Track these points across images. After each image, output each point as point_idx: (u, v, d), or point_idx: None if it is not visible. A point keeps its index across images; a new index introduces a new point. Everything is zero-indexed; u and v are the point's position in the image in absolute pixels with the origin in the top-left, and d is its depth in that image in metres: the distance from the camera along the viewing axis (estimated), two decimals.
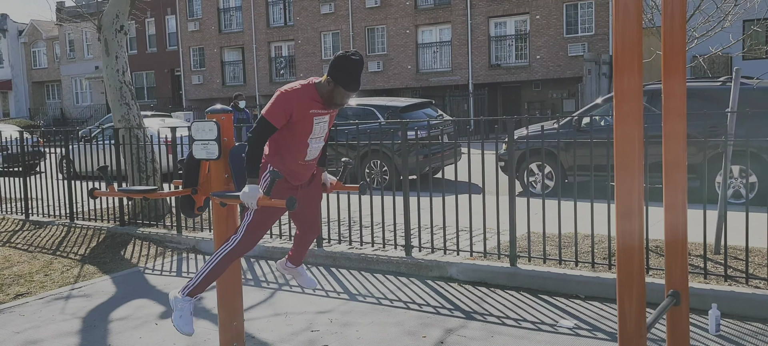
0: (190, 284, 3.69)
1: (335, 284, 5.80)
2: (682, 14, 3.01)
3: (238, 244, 3.70)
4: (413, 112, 11.79)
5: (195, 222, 7.72)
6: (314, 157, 3.80)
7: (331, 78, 3.54)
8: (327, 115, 3.72)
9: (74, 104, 44.18)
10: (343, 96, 3.57)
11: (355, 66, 3.53)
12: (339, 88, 3.54)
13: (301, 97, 3.57)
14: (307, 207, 3.99)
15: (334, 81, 3.53)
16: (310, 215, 4.05)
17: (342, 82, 3.52)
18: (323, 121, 3.71)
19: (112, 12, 8.73)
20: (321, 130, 3.72)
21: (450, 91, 28.43)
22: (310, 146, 3.69)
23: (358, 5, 30.34)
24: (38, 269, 6.85)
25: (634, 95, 2.45)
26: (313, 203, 4.02)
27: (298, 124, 3.59)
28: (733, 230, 5.73)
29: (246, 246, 3.72)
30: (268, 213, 3.73)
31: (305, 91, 3.59)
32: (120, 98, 8.72)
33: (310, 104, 3.59)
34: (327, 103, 3.62)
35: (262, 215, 3.70)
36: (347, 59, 3.52)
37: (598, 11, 25.61)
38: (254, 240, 3.74)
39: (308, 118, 3.61)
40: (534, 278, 5.48)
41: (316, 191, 4.03)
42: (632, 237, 2.47)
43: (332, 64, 3.54)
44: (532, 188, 9.75)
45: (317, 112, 3.63)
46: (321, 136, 3.75)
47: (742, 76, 6.51)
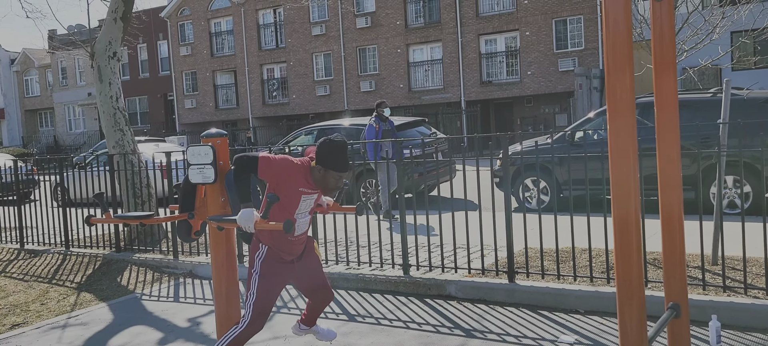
0: None
1: (334, 306, 5.78)
2: (671, 27, 3.05)
3: (248, 326, 3.71)
4: (407, 130, 11.82)
5: (191, 247, 7.69)
6: (303, 232, 3.86)
7: (321, 165, 3.63)
8: (315, 194, 3.81)
9: (67, 131, 44.09)
10: (336, 179, 3.67)
11: (340, 147, 3.64)
12: (330, 172, 3.63)
13: (297, 171, 3.67)
14: (309, 278, 4.03)
15: (324, 167, 3.63)
16: (316, 283, 4.07)
17: (331, 165, 3.61)
18: (310, 199, 3.80)
19: (105, 39, 8.75)
20: (307, 206, 3.80)
21: (442, 108, 28.54)
22: (297, 222, 3.75)
23: (349, 26, 30.53)
24: (34, 298, 6.80)
25: (628, 106, 2.47)
26: (314, 272, 4.04)
27: (285, 196, 3.65)
28: (730, 240, 5.75)
29: (255, 327, 3.73)
30: (271, 286, 3.76)
31: (302, 168, 3.70)
32: (114, 124, 8.71)
33: (301, 182, 3.69)
34: (321, 188, 3.72)
35: (263, 289, 3.74)
36: (331, 144, 3.63)
37: (588, 26, 25.85)
38: (263, 317, 3.75)
39: (296, 194, 3.70)
40: (533, 293, 5.47)
41: (313, 260, 4.04)
42: (631, 249, 2.48)
43: (318, 153, 3.64)
44: (527, 203, 9.77)
45: (306, 190, 3.73)
46: (307, 212, 3.83)
47: (732, 87, 6.58)
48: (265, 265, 3.76)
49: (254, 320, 3.70)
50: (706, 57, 9.00)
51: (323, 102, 31.72)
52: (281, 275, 3.83)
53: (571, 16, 26.20)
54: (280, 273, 3.81)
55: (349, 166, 3.69)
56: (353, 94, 30.84)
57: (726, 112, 5.63)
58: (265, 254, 3.76)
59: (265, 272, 3.75)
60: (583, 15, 25.88)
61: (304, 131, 12.73)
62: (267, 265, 3.76)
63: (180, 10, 35.74)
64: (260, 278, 3.74)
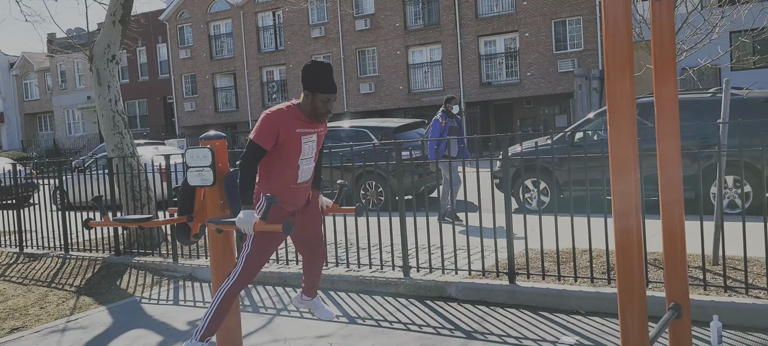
0: (200, 328, 3.67)
1: (334, 308, 5.76)
2: (670, 27, 3.04)
3: (239, 276, 3.67)
4: (406, 132, 11.82)
5: (191, 250, 7.67)
6: (307, 180, 3.78)
7: (307, 89, 3.56)
8: (314, 133, 3.72)
9: (67, 135, 44.09)
10: (323, 102, 3.57)
11: (323, 67, 3.56)
12: (317, 95, 3.55)
13: (286, 117, 3.59)
14: (307, 232, 3.97)
15: (310, 91, 3.56)
16: (312, 240, 4.02)
17: (317, 87, 3.54)
18: (311, 141, 3.71)
19: (104, 42, 8.75)
20: (310, 150, 3.72)
21: None
22: (301, 168, 3.68)
23: (348, 28, 30.53)
24: (33, 302, 6.78)
25: (628, 107, 2.46)
26: (313, 227, 4.00)
27: (285, 144, 3.59)
28: (731, 240, 5.73)
29: (247, 278, 3.69)
30: (267, 242, 3.70)
31: (289, 111, 3.62)
32: (113, 127, 8.70)
33: (295, 123, 3.61)
34: (311, 117, 3.63)
35: (261, 244, 3.68)
36: (313, 64, 3.56)
37: (587, 27, 25.86)
38: (255, 271, 3.71)
39: (295, 137, 3.62)
40: (533, 294, 5.46)
41: (315, 214, 4.00)
42: (631, 249, 2.47)
43: (303, 78, 3.57)
44: (528, 204, 9.76)
45: (303, 130, 3.64)
46: (311, 156, 3.74)
47: (731, 87, 6.57)
48: (265, 212, 3.62)
49: (245, 272, 3.66)
50: (706, 57, 9.00)
51: None
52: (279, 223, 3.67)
53: (571, 17, 26.21)
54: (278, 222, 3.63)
55: (335, 88, 3.60)
56: (353, 96, 30.84)
57: (726, 112, 5.62)
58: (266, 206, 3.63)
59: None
60: (582, 16, 25.88)
61: None
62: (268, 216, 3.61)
63: (179, 13, 35.75)
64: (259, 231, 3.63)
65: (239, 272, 3.66)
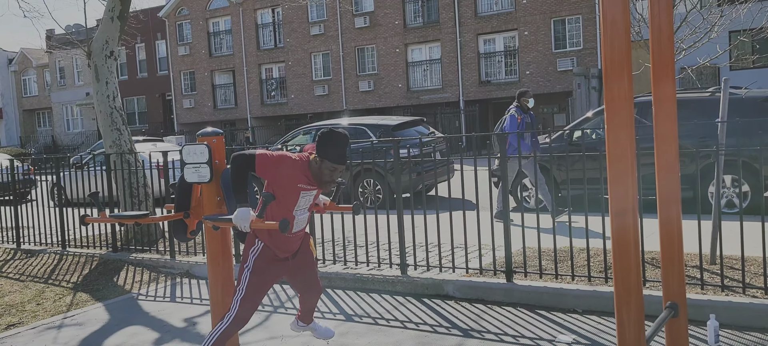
0: None
1: (331, 306, 5.76)
2: (669, 26, 3.03)
3: (233, 320, 3.67)
4: (405, 130, 11.81)
5: (188, 246, 7.66)
6: (301, 229, 3.84)
7: (318, 155, 3.57)
8: (314, 190, 3.76)
9: (65, 131, 44.04)
10: (331, 171, 3.58)
11: (339, 138, 3.57)
12: (326, 162, 3.56)
13: (296, 167, 3.62)
14: (301, 275, 4.00)
15: (320, 157, 3.57)
16: (308, 281, 4.05)
17: (328, 156, 3.55)
18: (309, 196, 3.76)
19: (102, 38, 8.72)
20: (306, 202, 3.76)
21: (441, 108, 28.54)
22: (296, 218, 3.72)
23: (347, 25, 30.50)
24: (30, 298, 6.77)
25: (625, 105, 2.45)
26: (307, 269, 4.02)
27: (284, 192, 3.61)
28: (728, 239, 5.73)
29: (239, 323, 3.70)
30: (259, 284, 3.74)
31: (300, 163, 3.65)
32: (111, 124, 8.68)
33: (300, 178, 3.64)
34: (317, 181, 3.66)
35: (254, 286, 3.71)
36: (331, 133, 3.57)
37: (586, 26, 25.85)
38: (249, 314, 3.72)
39: (295, 190, 3.65)
40: (531, 293, 5.45)
41: (307, 256, 4.02)
42: (628, 248, 2.46)
43: (318, 142, 3.57)
44: (525, 202, 9.75)
45: (305, 186, 3.67)
46: (306, 208, 3.79)
47: (730, 86, 6.56)
48: (259, 261, 3.73)
49: (239, 315, 3.67)
50: (705, 56, 8.99)
51: (322, 102, 31.70)
52: (273, 273, 3.80)
53: (570, 16, 26.21)
54: (271, 271, 3.78)
55: (345, 160, 3.62)
56: (352, 93, 30.82)
57: (724, 112, 5.62)
58: (260, 251, 3.73)
59: (257, 268, 3.72)
60: (581, 14, 25.87)
61: (303, 131, 12.71)
62: (260, 261, 3.73)
63: (178, 9, 35.70)
64: (251, 274, 3.71)
65: (232, 318, 3.67)
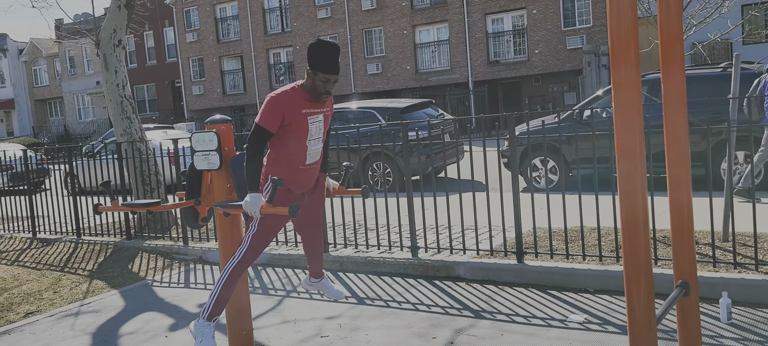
0: (206, 308, 3.69)
1: (343, 289, 5.80)
2: (678, 1, 3.00)
3: (244, 256, 3.70)
4: (414, 112, 11.78)
5: (201, 233, 7.73)
6: (315, 161, 3.79)
7: (310, 68, 3.55)
8: (320, 113, 3.72)
9: (77, 120, 44.33)
10: (322, 82, 3.55)
11: (328, 47, 3.53)
12: (318, 75, 3.53)
13: (291, 98, 3.59)
14: (311, 214, 3.99)
15: (312, 70, 3.54)
16: (312, 223, 4.05)
17: (319, 67, 3.52)
18: (318, 121, 3.71)
19: (110, 27, 8.75)
20: (317, 130, 3.72)
21: (450, 89, 28.42)
22: (309, 149, 3.69)
23: (354, 8, 30.36)
24: (47, 286, 6.86)
25: (632, 85, 2.43)
26: (316, 210, 4.02)
27: (292, 126, 3.59)
28: (740, 216, 5.70)
29: (252, 257, 3.72)
30: (272, 223, 3.73)
31: (293, 92, 3.61)
32: (121, 112, 8.73)
33: (300, 104, 3.61)
34: (314, 96, 3.62)
35: (266, 224, 3.70)
36: (318, 43, 3.53)
37: (595, 3, 25.56)
38: (259, 250, 3.74)
39: (301, 118, 3.62)
40: (542, 273, 5.46)
41: (320, 197, 4.02)
42: (637, 228, 2.45)
43: (309, 55, 3.55)
44: (535, 183, 9.73)
45: (309, 111, 3.64)
46: (318, 136, 3.74)
47: (742, 61, 6.48)
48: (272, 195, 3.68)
49: (250, 252, 3.69)
50: (716, 31, 8.88)
51: None
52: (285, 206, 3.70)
53: None
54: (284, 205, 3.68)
55: (337, 69, 3.57)
56: (360, 76, 30.75)
57: (736, 87, 5.56)
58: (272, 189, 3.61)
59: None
60: None
61: None
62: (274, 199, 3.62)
63: None
64: None
65: (245, 251, 3.69)
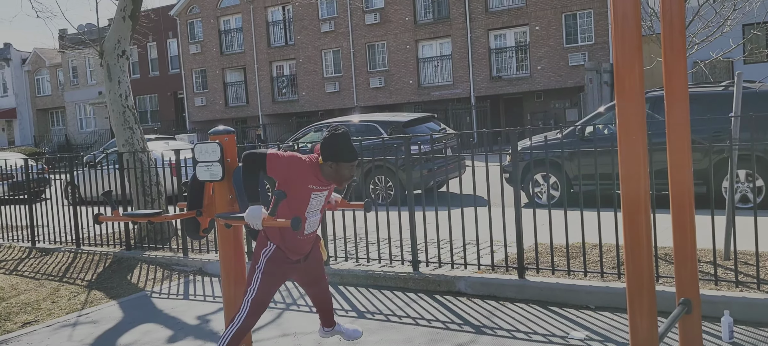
0: None
1: (343, 302, 5.77)
2: (681, 20, 3.01)
3: (244, 321, 3.70)
4: (416, 126, 11.79)
5: (201, 244, 7.71)
6: (312, 231, 3.84)
7: (331, 160, 3.59)
8: (325, 190, 3.78)
9: (79, 130, 44.41)
10: (348, 169, 3.63)
11: (345, 138, 3.60)
12: (342, 164, 3.60)
13: (305, 169, 3.64)
14: (312, 277, 4.04)
15: (334, 161, 3.59)
16: (315, 281, 4.09)
17: (342, 157, 3.58)
18: (321, 196, 3.77)
19: (114, 38, 8.78)
20: (318, 204, 3.78)
21: (452, 104, 28.48)
22: (307, 220, 3.73)
23: (357, 22, 30.50)
24: (45, 296, 6.84)
25: (636, 102, 2.43)
26: (316, 270, 4.04)
27: (294, 194, 3.63)
28: (742, 235, 5.68)
29: (251, 322, 3.73)
30: (270, 284, 3.76)
31: (310, 165, 3.66)
32: (123, 122, 8.75)
33: (310, 179, 3.65)
34: (335, 181, 3.68)
35: (264, 286, 3.74)
36: (337, 136, 3.59)
37: (597, 20, 25.67)
38: (259, 313, 3.75)
39: (306, 192, 3.67)
40: (543, 289, 5.44)
41: (317, 258, 4.04)
42: (640, 245, 2.45)
43: (325, 148, 3.60)
44: (537, 198, 9.71)
45: (315, 187, 3.69)
46: (318, 209, 3.80)
47: (744, 80, 6.49)
48: (270, 263, 3.75)
49: (250, 315, 3.71)
50: (718, 50, 8.90)
51: (333, 99, 31.73)
52: (283, 274, 3.83)
53: (581, 10, 26.04)
54: (282, 273, 3.81)
55: (356, 154, 3.66)
56: (362, 90, 30.83)
57: (738, 106, 5.57)
58: (271, 253, 3.75)
59: (269, 270, 3.74)
60: (593, 9, 25.70)
61: (314, 128, 12.74)
62: (272, 264, 3.75)
63: (189, 8, 35.85)
64: (263, 275, 3.73)
65: (244, 318, 3.70)
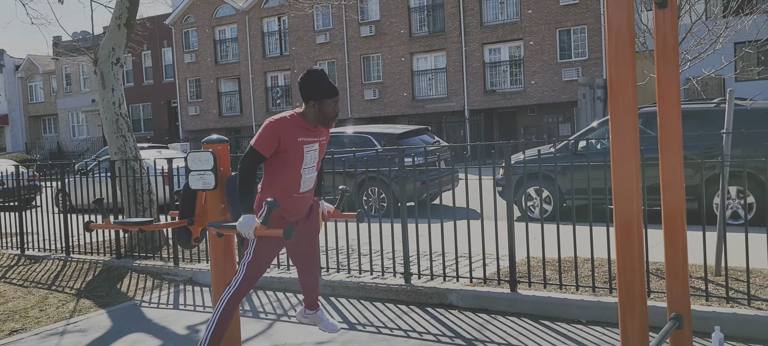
0: (203, 339, 3.65)
1: (334, 314, 5.74)
2: (674, 37, 3.03)
3: (240, 285, 3.67)
4: (410, 138, 11.81)
5: (192, 254, 7.67)
6: (309, 189, 3.78)
7: (312, 99, 3.57)
8: (316, 142, 3.73)
9: (71, 137, 44.22)
10: (331, 106, 3.61)
11: (321, 75, 3.60)
12: (325, 101, 3.58)
13: (289, 125, 3.59)
14: (305, 242, 3.97)
15: (315, 99, 3.57)
16: (308, 251, 4.02)
17: (323, 94, 3.57)
18: (313, 150, 3.72)
19: (109, 45, 8.77)
20: (312, 159, 3.72)
21: (446, 117, 28.55)
22: (303, 177, 3.68)
23: (353, 34, 30.59)
24: (33, 304, 6.78)
25: (630, 117, 2.45)
26: (311, 237, 4.00)
27: (288, 153, 3.59)
28: (733, 251, 5.70)
29: (248, 286, 3.69)
30: (266, 250, 3.70)
31: (292, 119, 3.62)
32: (116, 130, 8.72)
33: (298, 132, 3.61)
34: (320, 123, 3.64)
35: (261, 251, 3.68)
36: (312, 73, 3.59)
37: (591, 36, 25.86)
38: (256, 278, 3.71)
39: (297, 146, 3.62)
40: (535, 303, 5.43)
41: (315, 224, 4.00)
42: (633, 259, 2.45)
43: (303, 89, 3.59)
44: (530, 212, 9.73)
45: (306, 139, 3.65)
46: (313, 165, 3.75)
47: (735, 97, 6.54)
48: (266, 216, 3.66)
49: (247, 280, 3.67)
50: (710, 67, 8.99)
51: None
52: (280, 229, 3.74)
53: (575, 26, 26.22)
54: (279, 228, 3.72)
55: (337, 90, 3.65)
56: (357, 102, 30.87)
57: (729, 122, 5.60)
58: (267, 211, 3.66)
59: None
60: (587, 25, 25.89)
61: None
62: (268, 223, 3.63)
63: (185, 17, 35.88)
64: (260, 239, 3.66)
65: (240, 281, 3.66)
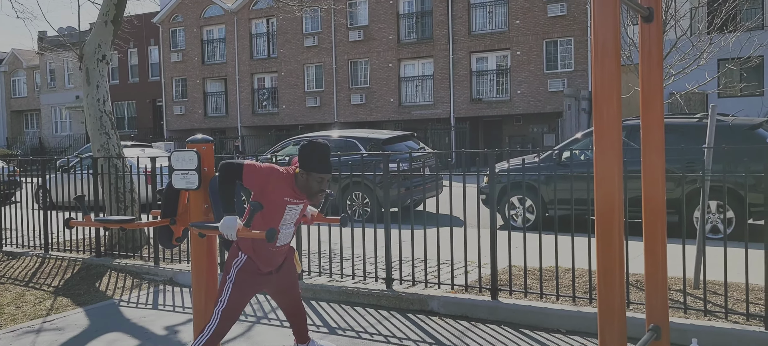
0: None
1: (315, 318, 5.72)
2: (659, 51, 3.06)
3: (214, 332, 3.67)
4: (395, 144, 11.82)
5: (173, 253, 7.60)
6: (286, 243, 3.83)
7: (304, 169, 3.60)
8: (300, 204, 3.77)
9: (53, 133, 43.71)
10: (318, 181, 3.62)
11: (322, 149, 3.61)
12: (313, 175, 3.60)
13: (282, 181, 3.64)
14: (283, 289, 4.00)
15: (306, 170, 3.60)
16: (289, 296, 4.05)
17: (315, 168, 3.58)
18: (296, 209, 3.76)
19: (95, 42, 8.69)
20: (292, 217, 3.77)
21: (432, 124, 28.63)
22: (281, 233, 3.71)
23: (341, 38, 30.59)
24: (9, 301, 6.68)
25: (614, 129, 2.46)
26: (289, 283, 4.01)
27: (270, 205, 3.61)
28: (712, 265, 5.76)
29: (221, 333, 3.70)
30: (241, 295, 3.74)
31: (287, 177, 3.66)
32: (100, 127, 8.63)
33: (286, 191, 3.65)
34: (306, 193, 3.67)
35: (235, 298, 3.71)
36: (313, 145, 3.61)
37: (577, 48, 26.09)
38: (229, 325, 3.72)
39: (281, 204, 3.65)
40: (515, 311, 5.45)
41: (290, 271, 4.01)
42: (613, 271, 2.46)
43: (301, 156, 3.61)
44: (513, 221, 9.77)
45: (291, 200, 3.68)
46: (292, 222, 3.79)
47: (718, 113, 6.63)
48: (241, 274, 3.71)
49: (220, 327, 3.68)
50: (693, 82, 9.10)
51: (313, 113, 31.70)
52: (255, 285, 3.79)
53: (562, 38, 26.44)
54: (254, 284, 3.77)
55: (331, 169, 3.66)
56: (343, 106, 30.86)
57: (711, 138, 5.67)
58: (243, 263, 3.72)
59: (240, 281, 3.71)
60: (573, 37, 26.12)
61: (293, 142, 12.70)
62: (243, 274, 3.71)
63: (173, 16, 35.66)
64: (234, 286, 3.70)
65: (214, 328, 3.66)
